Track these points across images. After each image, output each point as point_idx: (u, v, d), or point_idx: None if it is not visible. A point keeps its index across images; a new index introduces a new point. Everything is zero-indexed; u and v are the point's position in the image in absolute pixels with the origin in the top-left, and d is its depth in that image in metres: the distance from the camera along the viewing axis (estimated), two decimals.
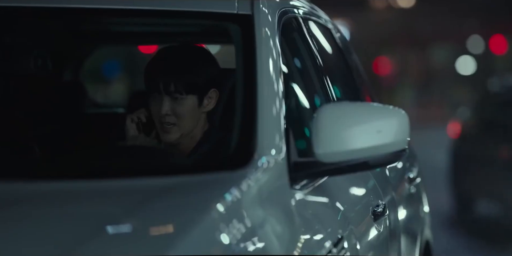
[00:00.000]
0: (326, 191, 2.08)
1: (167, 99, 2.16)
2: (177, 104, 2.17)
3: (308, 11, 2.55)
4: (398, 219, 2.59)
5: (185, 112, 2.16)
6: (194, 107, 2.18)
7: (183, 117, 2.17)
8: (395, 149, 1.95)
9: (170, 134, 2.17)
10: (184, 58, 2.21)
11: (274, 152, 1.89)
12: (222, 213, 1.66)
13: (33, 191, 1.77)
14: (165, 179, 1.82)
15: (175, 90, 2.16)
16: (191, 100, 2.17)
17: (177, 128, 2.17)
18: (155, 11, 2.14)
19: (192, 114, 2.18)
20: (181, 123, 2.17)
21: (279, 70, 2.03)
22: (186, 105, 2.17)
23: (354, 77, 2.93)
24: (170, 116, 2.17)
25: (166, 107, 2.15)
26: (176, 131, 2.17)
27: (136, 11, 2.14)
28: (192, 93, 2.17)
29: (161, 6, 2.14)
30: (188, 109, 2.17)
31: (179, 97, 2.16)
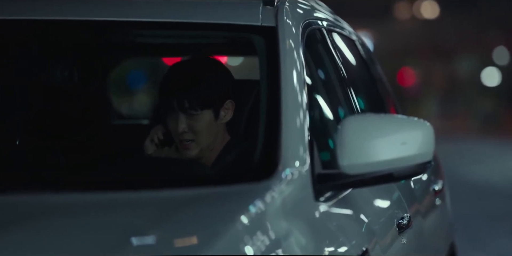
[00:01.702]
0: (350, 203, 2.07)
1: (183, 117, 2.16)
2: (193, 120, 2.17)
3: (332, 22, 2.55)
4: (423, 231, 2.57)
5: (202, 128, 2.17)
6: (211, 122, 2.18)
7: (200, 133, 2.17)
8: (420, 161, 1.94)
9: (189, 150, 2.17)
10: (195, 73, 2.20)
11: (298, 163, 1.89)
12: (246, 225, 1.66)
13: (58, 202, 1.78)
14: (189, 190, 1.82)
15: (189, 107, 2.16)
16: (207, 115, 2.17)
17: (196, 144, 2.17)
18: (180, 23, 2.15)
19: (210, 128, 2.18)
20: (199, 138, 2.17)
21: (303, 82, 2.03)
22: (203, 120, 2.17)
23: (378, 89, 2.93)
24: (187, 133, 2.17)
25: (182, 124, 2.16)
26: (195, 147, 2.17)
27: (162, 23, 2.15)
28: (207, 108, 2.17)
29: (186, 18, 2.15)
30: (205, 124, 2.17)
31: (195, 114, 2.16)
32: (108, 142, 2.75)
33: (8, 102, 2.59)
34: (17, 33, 2.32)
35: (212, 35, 2.35)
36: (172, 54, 3.65)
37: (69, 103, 2.68)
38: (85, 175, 2.10)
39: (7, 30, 2.24)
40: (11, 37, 2.40)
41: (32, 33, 2.34)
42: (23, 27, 2.20)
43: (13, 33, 2.31)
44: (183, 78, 2.19)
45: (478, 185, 9.91)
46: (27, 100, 2.60)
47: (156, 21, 2.15)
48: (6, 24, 2.16)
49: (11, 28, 2.21)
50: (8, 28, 2.20)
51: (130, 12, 2.17)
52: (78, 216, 1.70)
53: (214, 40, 2.71)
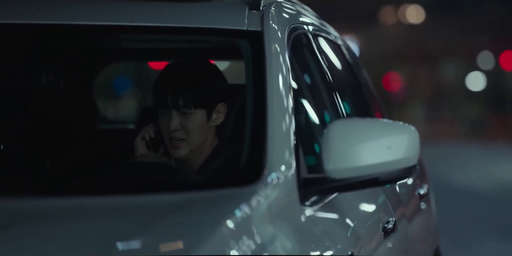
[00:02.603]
0: (336, 207, 2.07)
1: (176, 114, 2.17)
2: (186, 119, 2.17)
3: (317, 27, 2.56)
4: (408, 235, 2.58)
5: (194, 126, 2.17)
6: (203, 122, 2.19)
7: (192, 132, 2.17)
8: (406, 165, 1.95)
9: (179, 149, 2.17)
10: (192, 73, 2.22)
11: (284, 168, 1.89)
12: (232, 229, 1.66)
13: (43, 207, 1.77)
14: (175, 195, 1.82)
15: (183, 105, 2.17)
16: (200, 115, 2.18)
17: (186, 143, 2.17)
18: (166, 27, 2.15)
19: (201, 128, 2.18)
20: (190, 138, 2.17)
21: (288, 86, 2.04)
22: (195, 119, 2.17)
23: (363, 93, 2.93)
24: (179, 131, 2.17)
25: (175, 122, 2.16)
26: (186, 147, 2.18)
27: (147, 28, 2.15)
28: (200, 108, 2.18)
29: (172, 22, 2.15)
30: (197, 123, 2.17)
31: (188, 112, 2.17)
32: (93, 146, 2.74)
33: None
34: (1, 37, 2.31)
35: (198, 40, 2.35)
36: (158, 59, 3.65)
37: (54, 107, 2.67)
38: (71, 180, 2.10)
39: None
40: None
41: (16, 38, 2.33)
42: (7, 31, 2.19)
43: None
44: (179, 76, 2.20)
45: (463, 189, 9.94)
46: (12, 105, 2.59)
47: (142, 26, 2.15)
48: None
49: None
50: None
51: (116, 16, 2.17)
52: (64, 222, 1.70)
53: (200, 45, 2.71)
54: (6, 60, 2.55)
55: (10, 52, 2.55)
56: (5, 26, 2.15)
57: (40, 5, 2.19)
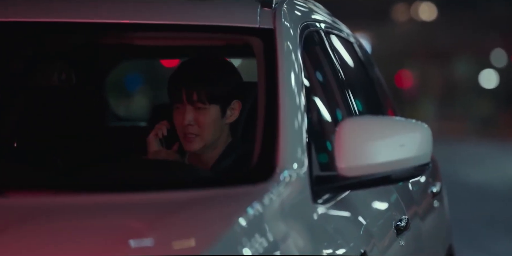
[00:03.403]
0: (348, 205, 2.06)
1: (190, 109, 2.17)
2: (200, 114, 2.17)
3: (330, 24, 2.55)
4: (421, 233, 2.57)
5: (208, 122, 2.17)
6: (217, 118, 2.18)
7: (205, 127, 2.17)
8: (418, 163, 1.94)
9: (192, 143, 2.17)
10: (207, 69, 2.22)
11: (296, 166, 1.88)
12: (244, 227, 1.66)
13: (55, 204, 1.77)
14: (187, 192, 1.82)
15: (198, 100, 2.17)
16: (214, 110, 2.18)
17: (200, 138, 2.18)
18: (178, 25, 2.15)
19: (215, 124, 2.18)
20: (204, 133, 2.17)
21: (301, 84, 2.03)
22: (209, 115, 2.17)
23: (376, 91, 2.92)
24: (193, 126, 2.17)
25: (189, 116, 2.16)
26: (199, 141, 2.18)
27: (159, 25, 2.15)
28: (215, 103, 2.18)
29: (184, 20, 2.15)
30: (211, 119, 2.17)
31: (202, 107, 2.17)
32: (105, 144, 2.74)
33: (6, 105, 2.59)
34: (14, 35, 2.31)
35: (210, 37, 2.35)
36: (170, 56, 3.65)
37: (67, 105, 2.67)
38: (82, 177, 2.10)
39: (4, 32, 2.23)
40: (8, 39, 2.39)
41: (29, 35, 2.34)
42: (20, 29, 2.19)
43: (10, 35, 2.31)
44: (195, 72, 2.20)
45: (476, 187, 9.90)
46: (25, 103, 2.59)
47: (154, 23, 2.15)
48: (3, 26, 2.16)
49: (8, 30, 2.21)
50: (6, 30, 2.20)
51: (127, 14, 2.17)
52: (76, 218, 1.70)
53: (212, 42, 2.70)
54: (20, 58, 2.55)
55: (22, 50, 2.56)
56: (18, 24, 2.15)
57: (53, 3, 2.20)
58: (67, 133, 2.65)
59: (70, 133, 2.66)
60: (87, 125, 2.76)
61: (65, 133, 2.64)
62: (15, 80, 2.57)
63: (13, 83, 2.58)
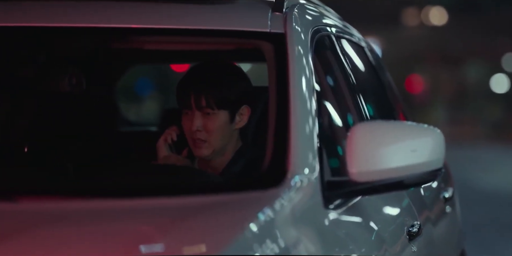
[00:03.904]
0: (360, 210, 2.05)
1: (198, 115, 2.16)
2: (208, 119, 2.17)
3: (341, 29, 2.53)
4: (433, 239, 2.55)
5: (216, 127, 2.16)
6: (226, 123, 2.17)
7: (214, 133, 2.16)
8: (431, 168, 1.92)
9: (202, 149, 2.17)
10: (216, 74, 2.21)
11: (307, 171, 1.87)
12: (255, 233, 1.64)
13: (66, 209, 1.77)
14: (198, 198, 1.81)
15: (206, 105, 2.16)
16: (223, 116, 2.17)
17: (208, 144, 2.17)
18: (188, 30, 2.14)
19: (224, 130, 2.17)
20: (212, 139, 2.16)
21: (312, 88, 2.02)
22: (218, 120, 2.16)
23: (387, 95, 2.91)
24: (201, 132, 2.16)
25: (197, 122, 2.15)
26: (208, 147, 2.17)
27: (170, 30, 2.14)
28: (223, 109, 2.17)
29: (194, 25, 2.14)
30: (219, 124, 2.16)
31: (211, 113, 2.16)
32: (115, 149, 2.74)
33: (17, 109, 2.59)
34: (25, 39, 2.31)
35: (220, 42, 2.34)
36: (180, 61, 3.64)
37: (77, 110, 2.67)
38: (93, 182, 2.09)
39: (16, 37, 2.23)
40: (19, 44, 2.39)
41: (40, 40, 2.34)
42: (31, 34, 2.19)
43: (22, 40, 2.31)
44: (203, 77, 2.19)
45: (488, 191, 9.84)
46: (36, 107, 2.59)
47: (164, 28, 2.14)
48: (15, 31, 2.16)
49: (19, 35, 2.21)
50: (17, 35, 2.20)
51: (138, 18, 2.16)
52: (86, 224, 1.69)
53: (223, 47, 2.70)
54: (29, 63, 2.56)
55: (33, 55, 2.56)
56: (28, 29, 2.15)
57: (63, 8, 2.19)
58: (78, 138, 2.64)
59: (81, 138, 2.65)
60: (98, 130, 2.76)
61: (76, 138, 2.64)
62: (25, 85, 2.57)
63: (23, 87, 2.58)
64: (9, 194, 1.84)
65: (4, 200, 1.81)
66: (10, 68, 2.53)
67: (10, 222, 1.68)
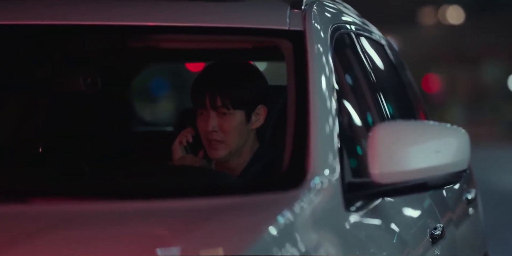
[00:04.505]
0: (381, 212, 2.00)
1: (214, 115, 2.12)
2: (224, 120, 2.13)
3: (360, 26, 2.48)
4: (456, 242, 2.49)
5: (231, 128, 2.12)
6: (242, 123, 2.13)
7: (230, 134, 2.12)
8: (455, 169, 1.87)
9: (217, 150, 2.13)
10: (231, 74, 2.17)
11: (328, 172, 1.82)
12: (274, 236, 1.60)
13: (81, 211, 1.73)
14: (215, 200, 1.76)
15: (221, 105, 2.12)
16: (238, 116, 2.13)
17: (225, 145, 2.13)
18: (205, 27, 2.10)
19: (240, 130, 2.13)
20: (228, 139, 2.12)
21: (332, 87, 1.97)
22: (233, 120, 2.12)
23: (408, 94, 2.86)
24: (217, 132, 2.12)
25: (212, 123, 2.12)
26: (224, 148, 2.13)
27: (186, 28, 2.10)
28: (239, 108, 2.13)
29: (211, 22, 2.10)
30: (235, 124, 2.12)
31: (227, 113, 2.12)
32: (131, 149, 2.70)
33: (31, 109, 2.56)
34: (39, 38, 2.28)
35: (237, 40, 2.29)
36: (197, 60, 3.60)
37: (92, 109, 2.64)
38: (108, 184, 2.05)
39: (30, 35, 2.19)
40: (34, 43, 2.36)
41: (55, 39, 2.30)
42: (46, 32, 2.15)
43: (36, 38, 2.27)
44: (218, 77, 2.16)
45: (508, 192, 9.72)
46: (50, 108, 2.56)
47: (180, 26, 2.10)
48: (29, 29, 2.12)
49: (33, 34, 2.17)
50: (30, 33, 2.16)
51: (153, 16, 2.12)
52: (101, 227, 1.65)
53: (239, 45, 2.65)
54: (45, 62, 2.52)
55: (47, 53, 2.53)
56: (44, 27, 2.11)
57: (76, 5, 2.15)
58: (93, 138, 2.61)
59: (96, 138, 2.62)
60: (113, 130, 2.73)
61: (91, 138, 2.61)
62: (40, 85, 2.54)
63: (38, 88, 2.55)
64: (22, 196, 1.80)
65: (17, 201, 1.77)
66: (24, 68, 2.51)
67: (22, 224, 1.65)
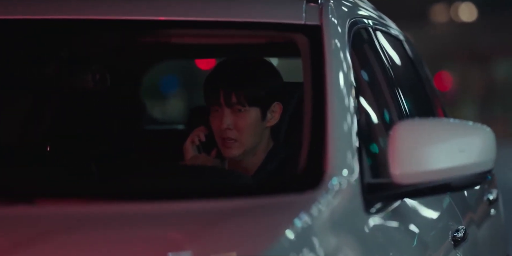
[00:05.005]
0: (402, 214, 1.92)
1: (228, 112, 2.06)
2: (239, 117, 2.06)
3: (378, 21, 2.40)
4: (478, 244, 2.41)
5: (247, 125, 2.05)
6: (257, 121, 2.07)
7: (244, 132, 2.05)
8: (480, 170, 1.78)
9: (232, 149, 2.05)
10: (246, 70, 2.11)
11: (346, 172, 1.74)
12: (290, 240, 1.52)
13: (91, 213, 1.65)
14: (229, 201, 1.69)
15: (237, 102, 2.05)
16: (254, 113, 2.06)
17: (239, 143, 2.06)
18: (217, 22, 2.02)
19: (255, 128, 2.06)
20: (243, 138, 2.05)
21: (350, 84, 1.89)
22: (248, 118, 2.06)
23: (426, 91, 2.78)
24: (231, 130, 2.05)
25: (227, 120, 2.05)
26: (238, 147, 2.06)
27: (197, 22, 2.02)
28: (255, 106, 2.06)
29: (223, 17, 2.02)
30: (250, 122, 2.05)
31: (242, 109, 2.05)
32: (141, 148, 2.64)
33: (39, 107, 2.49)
34: (45, 33, 2.20)
35: (251, 35, 2.21)
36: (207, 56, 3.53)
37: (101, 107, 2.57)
38: (118, 185, 1.97)
39: (35, 30, 2.12)
40: (39, 38, 2.29)
41: (61, 34, 2.23)
42: (52, 27, 2.08)
43: (42, 34, 2.20)
44: (233, 73, 2.09)
45: None
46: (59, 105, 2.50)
47: (192, 20, 2.02)
48: (33, 24, 2.04)
49: (39, 28, 2.09)
50: (37, 28, 2.09)
51: (163, 10, 2.04)
52: (113, 229, 1.57)
53: (253, 40, 2.57)
54: (51, 58, 2.45)
55: (54, 49, 2.46)
56: (48, 22, 2.03)
57: None
58: (102, 137, 2.55)
59: (105, 137, 2.56)
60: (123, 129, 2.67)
61: (100, 137, 2.54)
62: (47, 82, 2.48)
63: (46, 85, 2.48)
64: (30, 197, 1.73)
65: (24, 203, 1.70)
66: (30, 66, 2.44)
67: (30, 227, 1.58)
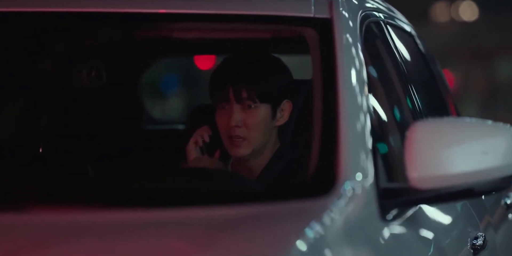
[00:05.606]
0: (419, 221, 1.80)
1: (238, 109, 1.95)
2: (248, 114, 1.95)
3: (389, 15, 2.28)
4: (496, 251, 2.29)
5: (256, 123, 1.95)
6: (267, 119, 1.96)
7: (254, 129, 1.95)
8: (505, 174, 1.66)
9: (240, 148, 1.95)
10: (255, 65, 2.00)
11: (361, 176, 1.62)
12: (301, 251, 1.40)
13: (88, 221, 1.53)
14: (234, 208, 1.56)
15: (248, 97, 1.94)
16: (264, 110, 1.96)
17: (247, 142, 1.95)
18: (221, 15, 1.89)
19: (264, 126, 1.96)
20: (252, 136, 1.95)
21: (362, 81, 1.77)
22: (258, 115, 1.95)
23: (439, 87, 2.66)
24: (240, 128, 1.95)
25: (236, 117, 1.94)
26: (247, 146, 1.95)
27: (200, 15, 1.89)
28: (265, 102, 1.96)
29: (227, 9, 1.89)
30: (260, 120, 1.95)
31: (253, 105, 1.95)
32: (140, 149, 2.53)
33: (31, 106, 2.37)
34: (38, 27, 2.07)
35: (256, 29, 2.09)
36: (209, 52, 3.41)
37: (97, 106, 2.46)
38: (116, 190, 1.83)
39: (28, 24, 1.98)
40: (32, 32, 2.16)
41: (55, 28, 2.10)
42: (46, 20, 1.95)
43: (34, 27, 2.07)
44: (243, 68, 1.99)
45: None
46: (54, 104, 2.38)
47: (194, 13, 1.89)
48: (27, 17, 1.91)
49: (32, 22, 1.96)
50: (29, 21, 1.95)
51: (165, 3, 1.92)
52: (112, 238, 1.45)
53: (258, 35, 2.44)
54: (46, 54, 2.33)
55: (47, 44, 2.33)
56: (43, 15, 1.90)
57: None
58: (100, 137, 2.43)
59: (104, 137, 2.44)
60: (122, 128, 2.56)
61: (98, 137, 2.42)
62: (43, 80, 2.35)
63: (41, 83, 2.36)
64: (20, 204, 1.60)
65: (13, 211, 1.57)
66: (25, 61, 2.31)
67: (20, 237, 1.45)
